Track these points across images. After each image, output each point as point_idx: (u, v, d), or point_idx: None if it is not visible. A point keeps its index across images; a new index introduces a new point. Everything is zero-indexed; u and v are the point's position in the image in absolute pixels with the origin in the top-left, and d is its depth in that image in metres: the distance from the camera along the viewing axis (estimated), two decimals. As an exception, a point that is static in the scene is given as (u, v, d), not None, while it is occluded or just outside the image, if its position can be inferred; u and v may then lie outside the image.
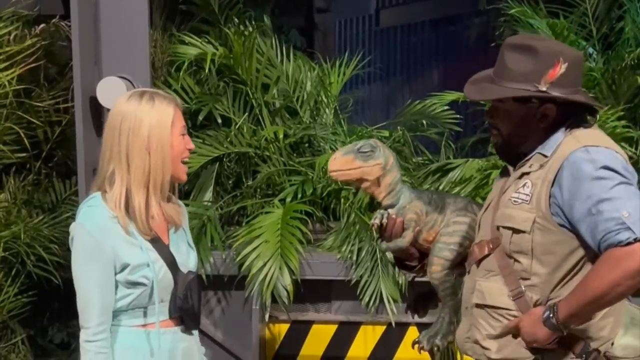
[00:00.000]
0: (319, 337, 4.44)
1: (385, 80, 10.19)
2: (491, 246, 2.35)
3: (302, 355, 4.45)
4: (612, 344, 2.31)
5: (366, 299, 4.24)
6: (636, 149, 4.41)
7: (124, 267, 2.41)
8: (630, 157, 4.24)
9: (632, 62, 4.55)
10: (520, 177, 2.34)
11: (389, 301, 4.22)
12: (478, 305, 2.39)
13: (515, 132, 2.35)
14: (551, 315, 2.21)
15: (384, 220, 2.50)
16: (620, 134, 4.28)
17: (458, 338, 2.51)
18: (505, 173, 2.49)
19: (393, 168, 2.49)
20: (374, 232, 2.61)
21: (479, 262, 2.40)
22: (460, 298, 2.54)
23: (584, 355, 2.27)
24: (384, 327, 4.38)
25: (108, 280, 2.40)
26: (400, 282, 4.25)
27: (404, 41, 10.42)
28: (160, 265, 2.47)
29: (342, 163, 2.45)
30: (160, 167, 2.44)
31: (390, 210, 2.51)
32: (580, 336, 2.26)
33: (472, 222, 2.55)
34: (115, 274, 2.41)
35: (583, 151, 2.21)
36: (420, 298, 2.83)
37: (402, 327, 4.34)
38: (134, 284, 2.42)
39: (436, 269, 2.54)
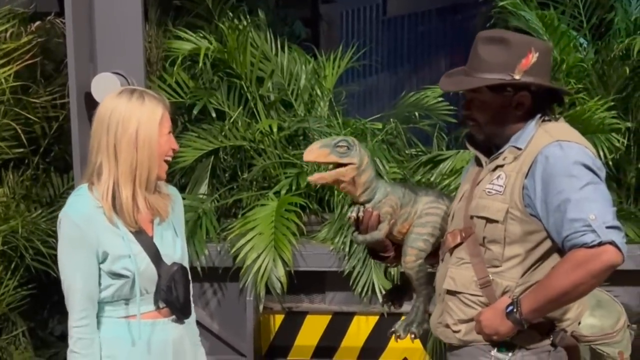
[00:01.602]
0: (313, 328, 4.51)
1: (388, 71, 10.16)
2: (464, 235, 2.44)
3: (297, 345, 4.51)
4: (579, 323, 2.43)
5: (359, 289, 4.31)
6: (625, 139, 4.45)
7: (105, 257, 2.47)
8: (618, 149, 4.31)
9: (622, 53, 4.59)
10: (495, 169, 2.42)
11: (381, 291, 4.28)
12: (449, 292, 2.47)
13: (492, 122, 2.43)
14: (514, 309, 2.30)
15: (361, 214, 2.56)
16: (610, 124, 4.32)
17: (431, 323, 2.60)
18: (475, 165, 2.56)
19: (367, 167, 2.54)
20: (350, 225, 2.66)
21: (451, 250, 2.49)
22: (434, 286, 2.61)
23: (551, 335, 2.37)
24: (376, 317, 4.45)
25: (91, 268, 2.46)
26: (392, 272, 4.31)
27: (410, 31, 10.38)
28: (143, 257, 2.51)
29: (317, 155, 2.49)
30: (147, 163, 2.49)
31: (366, 204, 2.56)
32: (547, 317, 2.35)
33: (443, 213, 2.63)
34: (99, 263, 2.47)
35: (556, 146, 2.29)
36: (395, 290, 2.91)
37: (395, 317, 4.32)
38: (116, 275, 2.47)
39: (410, 259, 2.60)
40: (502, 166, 2.40)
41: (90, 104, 3.97)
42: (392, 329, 2.71)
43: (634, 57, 4.48)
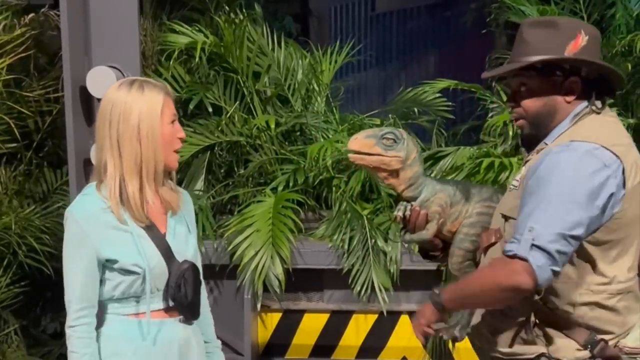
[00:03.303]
0: (311, 326, 4.45)
1: (381, 67, 10.14)
2: (498, 235, 2.30)
3: (295, 344, 4.46)
4: (628, 333, 2.27)
5: (358, 287, 4.25)
6: (628, 136, 4.41)
7: (113, 256, 2.40)
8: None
9: (623, 49, 4.56)
10: (525, 164, 2.31)
11: (380, 290, 4.24)
12: None
13: (541, 111, 2.28)
14: (437, 292, 2.24)
15: (407, 212, 2.44)
16: (612, 121, 4.28)
17: (471, 330, 2.47)
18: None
19: (414, 163, 2.41)
20: (398, 224, 2.55)
21: (485, 251, 2.35)
22: None
23: (589, 346, 2.22)
24: (375, 316, 4.39)
25: (91, 269, 2.39)
26: (391, 270, 4.26)
27: (400, 27, 10.37)
28: (153, 253, 2.45)
29: (361, 145, 2.37)
30: (152, 156, 2.42)
31: (413, 203, 2.44)
32: (586, 327, 2.22)
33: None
34: (104, 262, 2.40)
35: (563, 147, 2.15)
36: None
37: (394, 315, 4.35)
38: (127, 272, 2.41)
39: (457, 260, 2.47)
40: (528, 161, 2.28)
41: (85, 98, 3.93)
42: (435, 329, 2.61)
43: (636, 53, 4.44)
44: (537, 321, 2.24)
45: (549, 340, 2.24)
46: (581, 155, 2.11)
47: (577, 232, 2.08)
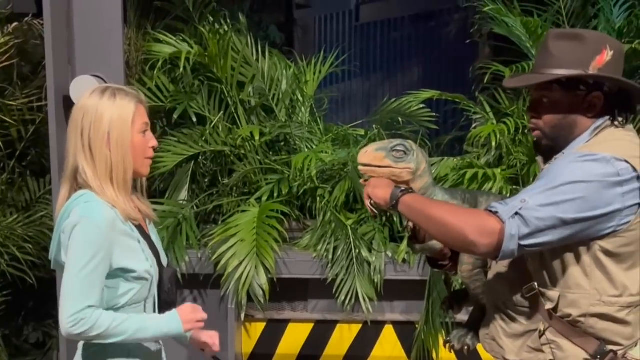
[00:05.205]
0: (295, 336, 4.45)
1: (365, 77, 10.16)
2: None
3: (279, 354, 4.46)
4: (636, 344, 2.26)
5: (342, 297, 4.26)
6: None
7: (130, 265, 2.38)
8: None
9: (606, 61, 4.56)
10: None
11: (364, 300, 4.24)
12: (494, 302, 2.38)
13: (560, 124, 2.27)
14: (402, 191, 2.28)
15: None
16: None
17: (480, 334, 2.49)
18: None
19: (424, 174, 2.42)
20: (407, 234, 2.55)
21: None
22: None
23: (598, 356, 2.22)
24: (359, 326, 4.40)
25: (103, 273, 2.32)
26: (375, 280, 4.27)
27: (384, 37, 10.40)
28: (154, 259, 2.47)
29: (372, 158, 2.39)
30: (122, 164, 2.41)
31: None
32: (595, 337, 2.22)
33: None
34: (115, 270, 2.36)
35: (578, 156, 2.15)
36: (456, 295, 2.78)
37: (378, 325, 4.36)
38: (139, 279, 2.40)
39: (466, 268, 2.47)
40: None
41: (69, 107, 3.90)
42: (447, 339, 2.60)
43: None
44: (545, 329, 2.25)
45: (557, 349, 2.25)
46: (596, 159, 2.11)
47: (567, 216, 2.05)
